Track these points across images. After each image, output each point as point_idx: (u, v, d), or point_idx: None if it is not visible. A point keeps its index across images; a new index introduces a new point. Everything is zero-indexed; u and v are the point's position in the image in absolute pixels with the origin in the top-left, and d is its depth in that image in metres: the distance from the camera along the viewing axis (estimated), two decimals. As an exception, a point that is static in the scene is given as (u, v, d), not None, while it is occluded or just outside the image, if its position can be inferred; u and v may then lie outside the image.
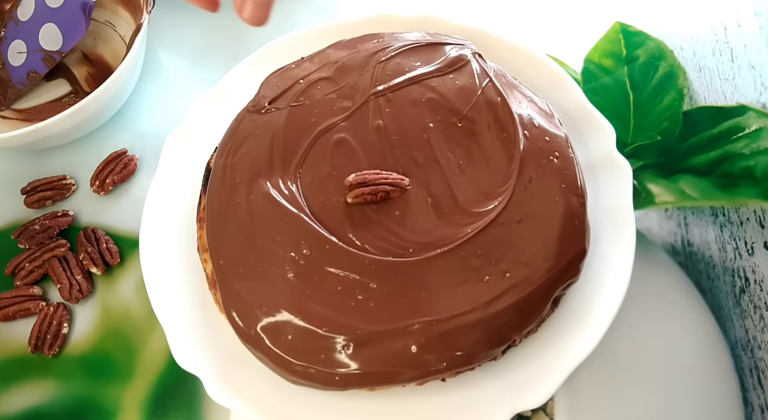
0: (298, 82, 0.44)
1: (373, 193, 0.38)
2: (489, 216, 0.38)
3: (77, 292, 0.48)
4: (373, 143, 0.41)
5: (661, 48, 0.56)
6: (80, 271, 0.49)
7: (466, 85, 0.43)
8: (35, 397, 0.46)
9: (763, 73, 0.47)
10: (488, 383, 0.39)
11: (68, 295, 0.48)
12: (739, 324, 0.46)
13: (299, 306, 0.37)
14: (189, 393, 0.45)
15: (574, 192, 0.40)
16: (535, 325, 0.38)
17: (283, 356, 0.37)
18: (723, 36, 0.51)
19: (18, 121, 0.57)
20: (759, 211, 0.45)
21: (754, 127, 0.48)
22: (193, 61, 0.61)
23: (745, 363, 0.45)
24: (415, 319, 0.36)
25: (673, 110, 0.53)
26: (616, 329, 0.39)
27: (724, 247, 0.48)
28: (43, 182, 0.54)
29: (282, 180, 0.40)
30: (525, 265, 0.37)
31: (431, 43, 0.46)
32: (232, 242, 0.39)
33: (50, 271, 0.49)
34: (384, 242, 0.38)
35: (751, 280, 0.45)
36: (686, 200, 0.50)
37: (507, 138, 0.41)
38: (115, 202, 0.53)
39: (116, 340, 0.48)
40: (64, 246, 0.50)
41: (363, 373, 0.36)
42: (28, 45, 0.55)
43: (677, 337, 0.46)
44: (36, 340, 0.47)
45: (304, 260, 0.37)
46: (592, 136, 0.46)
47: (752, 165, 0.47)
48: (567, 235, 0.38)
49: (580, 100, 0.47)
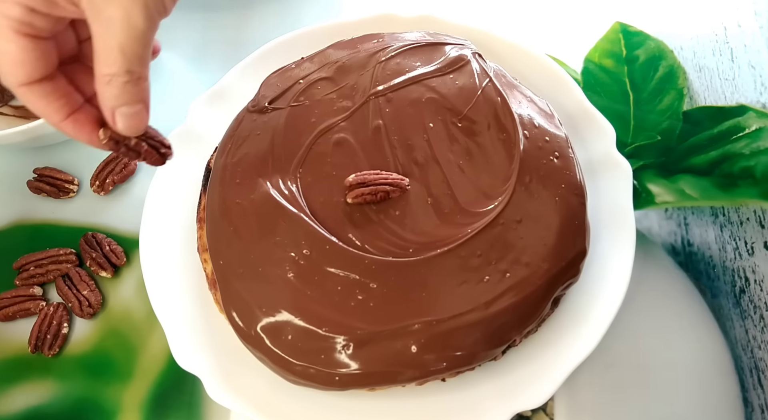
0: (298, 82, 0.44)
1: (373, 193, 0.38)
2: (489, 216, 0.38)
3: (88, 308, 0.48)
4: (373, 143, 0.41)
5: (661, 48, 0.56)
6: (86, 286, 0.49)
7: (466, 85, 0.43)
8: (35, 397, 0.46)
9: (763, 73, 0.47)
10: (488, 383, 0.39)
11: (81, 313, 0.48)
12: (739, 324, 0.46)
13: (299, 306, 0.37)
14: (189, 393, 0.45)
15: (574, 192, 0.40)
16: (535, 325, 0.39)
17: (283, 356, 0.37)
18: (723, 36, 0.51)
19: (16, 118, 0.57)
20: (759, 211, 0.45)
21: (754, 127, 0.48)
22: (193, 61, 0.61)
23: (745, 363, 0.45)
24: (415, 319, 0.36)
25: (673, 110, 0.53)
26: (616, 329, 0.39)
27: (724, 247, 0.48)
28: (50, 173, 0.54)
29: (282, 180, 0.40)
30: (525, 265, 0.37)
31: (431, 43, 0.46)
32: (232, 242, 0.39)
33: (59, 291, 0.49)
34: (384, 242, 0.38)
35: (751, 280, 0.45)
36: (686, 200, 0.50)
37: (507, 138, 0.41)
38: (115, 202, 0.53)
39: (116, 340, 0.48)
40: (72, 254, 0.50)
41: (363, 373, 0.36)
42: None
43: (677, 337, 0.46)
44: (36, 340, 0.47)
45: (304, 260, 0.37)
46: (592, 136, 0.46)
47: (752, 165, 0.47)
48: (567, 235, 0.38)
49: (580, 100, 0.47)
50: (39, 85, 0.31)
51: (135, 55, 0.29)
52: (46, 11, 0.29)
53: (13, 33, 0.29)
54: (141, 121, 0.32)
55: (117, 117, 0.31)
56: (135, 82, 0.30)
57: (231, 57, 0.55)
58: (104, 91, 0.30)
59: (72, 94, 0.32)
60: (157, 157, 0.34)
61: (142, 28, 0.29)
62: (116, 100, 0.30)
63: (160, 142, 0.34)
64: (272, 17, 0.38)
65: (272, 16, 0.39)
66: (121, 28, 0.28)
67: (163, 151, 0.34)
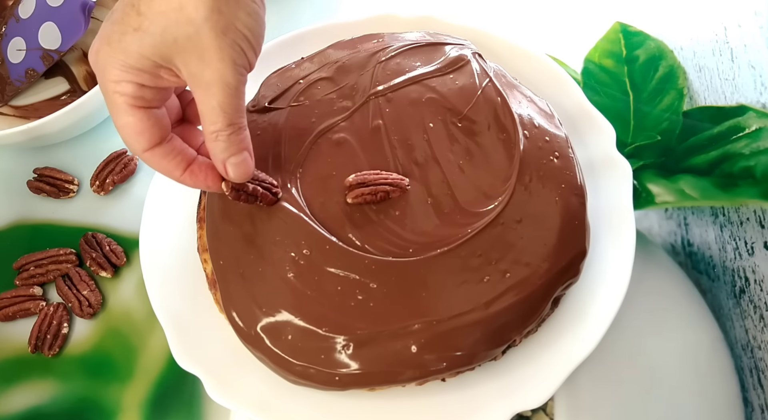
0: (298, 82, 0.44)
1: (373, 194, 0.38)
2: (489, 216, 0.38)
3: (88, 308, 0.48)
4: (373, 143, 0.41)
5: (661, 48, 0.56)
6: (86, 286, 0.49)
7: (466, 85, 0.43)
8: (35, 397, 0.46)
9: (763, 73, 0.47)
10: (488, 383, 0.39)
11: (81, 313, 0.48)
12: (739, 324, 0.46)
13: (299, 306, 0.37)
14: (189, 393, 0.45)
15: (574, 192, 0.40)
16: (535, 325, 0.39)
17: (283, 356, 0.37)
18: (723, 36, 0.51)
19: (15, 118, 0.57)
20: (759, 211, 0.45)
21: (754, 127, 0.48)
22: (193, 60, 0.61)
23: (745, 363, 0.45)
24: (415, 319, 0.36)
25: (673, 110, 0.53)
26: (616, 329, 0.39)
27: (724, 247, 0.48)
28: (50, 173, 0.54)
29: (282, 180, 0.40)
30: (525, 265, 0.37)
31: (431, 43, 0.46)
32: (232, 242, 0.39)
33: (59, 291, 0.49)
34: (384, 242, 0.38)
35: (751, 280, 0.45)
36: (686, 200, 0.50)
37: (507, 138, 0.41)
38: (115, 202, 0.53)
39: (116, 340, 0.48)
40: (72, 254, 0.50)
41: (363, 373, 0.36)
42: (28, 43, 0.55)
43: (677, 337, 0.46)
44: (36, 340, 0.47)
45: (304, 260, 0.37)
46: (592, 136, 0.46)
47: (752, 165, 0.47)
48: (567, 235, 0.38)
49: (580, 100, 0.47)
50: (159, 148, 0.35)
51: (233, 110, 0.33)
52: (153, 85, 0.33)
53: (129, 107, 0.33)
54: (248, 167, 0.36)
55: (228, 167, 0.35)
56: (237, 132, 0.34)
57: (231, 57, 0.55)
58: (214, 147, 0.34)
59: (186, 150, 0.36)
60: (271, 198, 0.38)
61: (234, 85, 0.32)
62: (225, 153, 0.34)
63: (270, 184, 0.38)
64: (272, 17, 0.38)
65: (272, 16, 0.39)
66: (218, 89, 0.32)
67: (274, 191, 0.38)
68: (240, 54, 0.32)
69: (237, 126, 0.34)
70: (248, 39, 0.32)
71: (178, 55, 0.32)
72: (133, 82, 0.33)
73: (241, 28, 0.32)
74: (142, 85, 0.33)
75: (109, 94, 0.33)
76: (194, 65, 0.32)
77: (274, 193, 0.39)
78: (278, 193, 0.39)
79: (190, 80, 0.32)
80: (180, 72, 0.33)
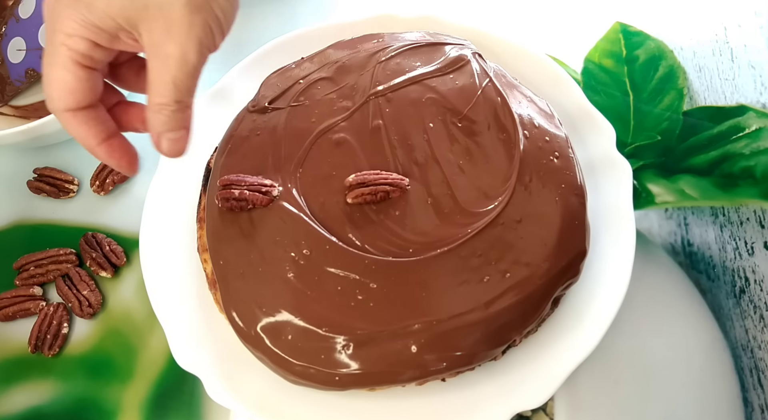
0: (298, 82, 0.44)
1: (373, 194, 0.38)
2: (489, 216, 0.38)
3: (88, 308, 0.48)
4: (373, 143, 0.41)
5: (661, 48, 0.56)
6: (86, 286, 0.49)
7: (466, 85, 0.43)
8: (35, 397, 0.46)
9: (763, 73, 0.47)
10: (488, 383, 0.39)
11: (81, 313, 0.48)
12: (739, 324, 0.46)
13: (299, 306, 0.37)
14: (189, 393, 0.45)
15: (574, 192, 0.40)
16: (535, 325, 0.39)
17: (283, 356, 0.37)
18: (723, 36, 0.51)
19: (15, 118, 0.57)
20: (759, 211, 0.45)
21: (754, 127, 0.48)
22: (193, 60, 0.61)
23: (745, 363, 0.45)
24: (415, 319, 0.36)
25: (673, 110, 0.53)
26: (616, 329, 0.39)
27: (724, 247, 0.48)
28: (50, 173, 0.54)
29: (282, 180, 0.40)
30: (525, 265, 0.37)
31: (431, 43, 0.46)
32: (232, 242, 0.39)
33: (59, 291, 0.49)
34: (384, 242, 0.38)
35: (751, 280, 0.45)
36: (686, 200, 0.50)
37: (507, 138, 0.41)
38: (115, 202, 0.53)
39: (116, 340, 0.48)
40: (72, 255, 0.50)
41: (363, 373, 0.36)
42: (28, 43, 0.55)
43: (677, 337, 0.46)
44: (36, 340, 0.47)
45: (304, 260, 0.37)
46: (592, 136, 0.46)
47: (752, 165, 0.47)
48: (567, 235, 0.38)
49: (580, 100, 0.47)
50: (83, 112, 0.33)
51: (185, 88, 0.32)
52: (108, 46, 0.32)
53: (72, 63, 0.31)
54: (182, 145, 0.35)
55: (163, 141, 0.34)
56: (182, 110, 0.33)
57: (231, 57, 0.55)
58: (154, 119, 0.33)
59: (108, 122, 0.35)
60: (262, 198, 0.37)
61: (194, 63, 0.31)
62: (163, 127, 0.33)
63: (259, 184, 0.37)
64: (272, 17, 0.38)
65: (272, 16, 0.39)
66: (176, 64, 0.31)
67: (265, 190, 0.38)
68: (208, 34, 0.31)
69: (184, 104, 0.33)
70: (220, 21, 0.32)
71: (145, 21, 0.30)
72: (87, 40, 0.31)
73: (216, 9, 0.31)
74: (96, 45, 0.31)
75: (55, 45, 0.31)
76: (158, 35, 0.30)
77: (266, 192, 0.38)
78: (270, 191, 0.38)
79: (149, 48, 0.31)
80: (140, 37, 0.31)
